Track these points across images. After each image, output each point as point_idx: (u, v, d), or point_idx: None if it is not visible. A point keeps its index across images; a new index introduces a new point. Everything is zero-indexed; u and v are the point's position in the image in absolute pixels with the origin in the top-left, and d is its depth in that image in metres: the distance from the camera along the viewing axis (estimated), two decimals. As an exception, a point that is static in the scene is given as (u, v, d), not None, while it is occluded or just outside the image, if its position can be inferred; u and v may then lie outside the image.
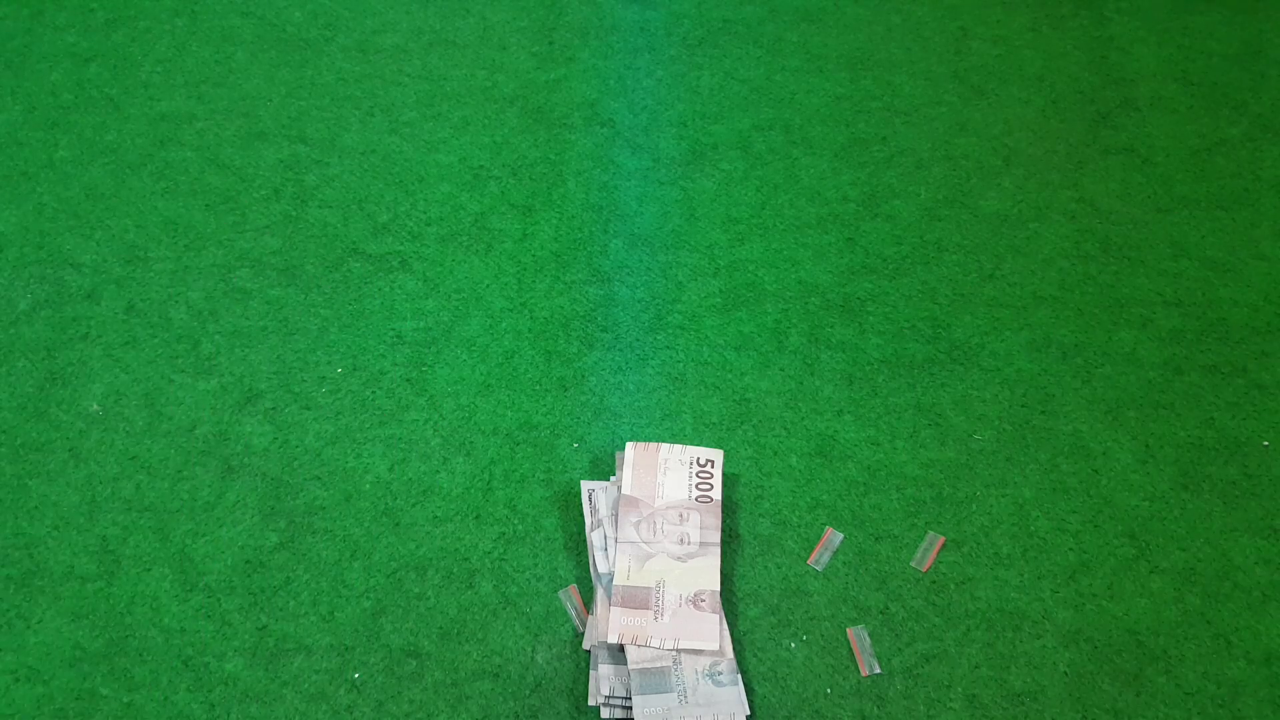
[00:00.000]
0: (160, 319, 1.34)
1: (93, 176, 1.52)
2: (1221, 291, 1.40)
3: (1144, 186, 1.54)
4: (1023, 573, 1.13)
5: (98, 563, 1.12)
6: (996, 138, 1.61)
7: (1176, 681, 1.05)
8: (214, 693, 1.03)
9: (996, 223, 1.49)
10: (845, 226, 1.48)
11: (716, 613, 1.06)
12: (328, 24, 1.76)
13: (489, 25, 1.76)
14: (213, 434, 1.23)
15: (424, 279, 1.40)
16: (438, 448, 1.22)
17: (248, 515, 1.16)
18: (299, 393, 1.27)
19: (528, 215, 1.48)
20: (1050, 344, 1.34)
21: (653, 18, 1.79)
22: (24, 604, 1.09)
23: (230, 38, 1.72)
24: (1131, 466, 1.22)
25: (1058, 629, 1.08)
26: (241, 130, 1.58)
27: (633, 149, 1.58)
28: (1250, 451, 1.23)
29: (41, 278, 1.39)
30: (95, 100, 1.62)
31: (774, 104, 1.65)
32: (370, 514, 1.16)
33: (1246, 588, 1.12)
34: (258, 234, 1.45)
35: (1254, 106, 1.65)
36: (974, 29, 1.77)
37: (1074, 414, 1.27)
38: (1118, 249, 1.46)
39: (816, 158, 1.58)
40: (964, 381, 1.30)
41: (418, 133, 1.59)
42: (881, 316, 1.37)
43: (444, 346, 1.32)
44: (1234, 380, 1.30)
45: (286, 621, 1.08)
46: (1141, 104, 1.65)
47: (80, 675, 1.04)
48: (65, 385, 1.27)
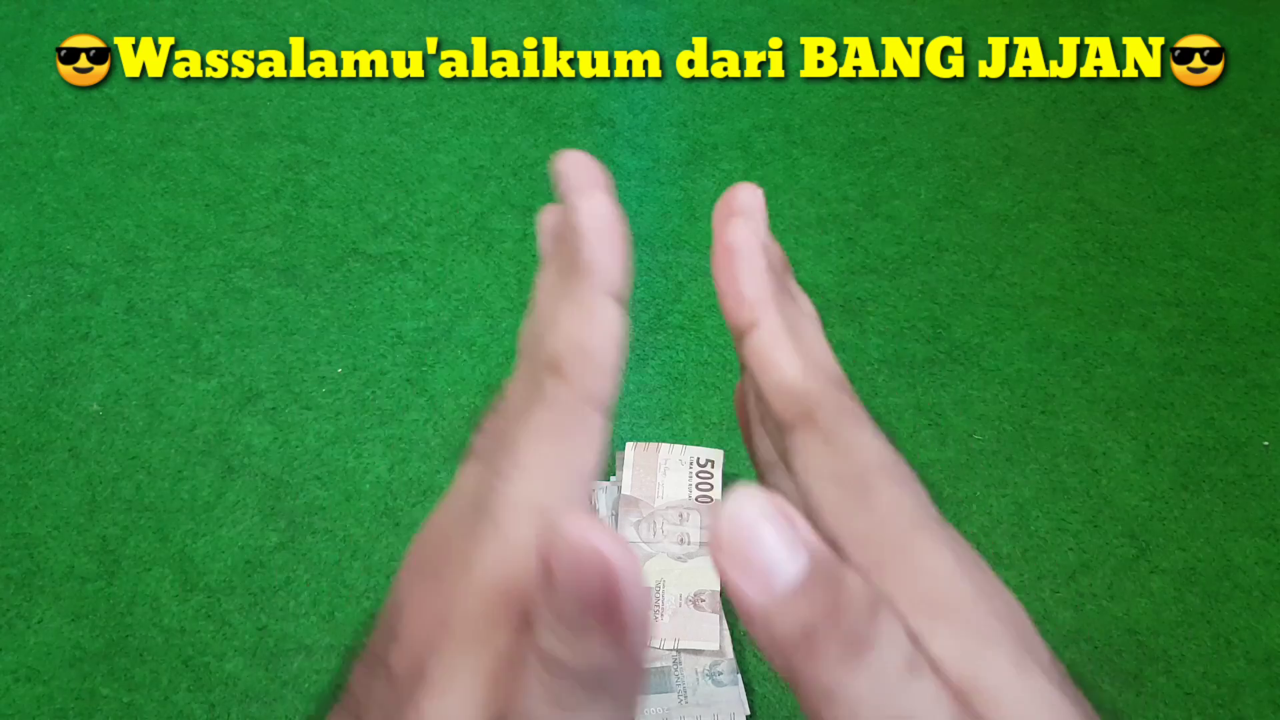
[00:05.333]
0: (160, 319, 1.34)
1: (93, 176, 1.52)
2: (1222, 291, 1.40)
3: (1144, 186, 1.54)
4: (1023, 573, 1.13)
5: (98, 563, 1.12)
6: (996, 138, 1.61)
7: (1177, 681, 1.05)
8: (214, 693, 1.03)
9: (996, 223, 1.49)
10: (845, 226, 1.48)
11: (717, 612, 1.06)
12: (328, 23, 1.76)
13: (489, 25, 1.76)
14: (213, 434, 1.23)
15: (424, 279, 1.40)
16: (438, 448, 1.22)
17: (248, 515, 1.16)
18: (299, 393, 1.27)
19: (528, 215, 1.48)
20: (1050, 344, 1.34)
21: (653, 18, 1.79)
22: (24, 604, 1.09)
23: (230, 38, 1.72)
24: (1131, 466, 1.22)
25: (1058, 629, 1.08)
26: (241, 130, 1.58)
27: (633, 149, 1.58)
28: (1250, 451, 1.23)
29: (41, 278, 1.39)
30: (95, 100, 1.62)
31: (774, 104, 1.65)
32: (370, 514, 1.16)
33: (1247, 588, 1.12)
34: (258, 234, 1.45)
35: (1254, 107, 1.65)
36: (974, 29, 1.77)
37: (1074, 414, 1.27)
38: (1118, 249, 1.46)
39: (816, 158, 1.58)
40: (964, 381, 1.30)
41: (418, 132, 1.59)
42: (881, 316, 1.37)
43: (444, 346, 1.32)
44: (1234, 380, 1.30)
45: (287, 621, 1.08)
46: (1141, 104, 1.65)
47: (80, 675, 1.04)
48: (65, 385, 1.27)
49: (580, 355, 0.19)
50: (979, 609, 0.17)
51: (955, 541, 0.18)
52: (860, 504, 0.18)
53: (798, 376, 0.19)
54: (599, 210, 0.20)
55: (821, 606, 0.15)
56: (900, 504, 0.18)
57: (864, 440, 0.19)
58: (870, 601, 0.15)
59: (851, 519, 0.18)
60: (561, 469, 0.18)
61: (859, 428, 0.19)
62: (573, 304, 0.19)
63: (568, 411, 0.18)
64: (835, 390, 0.20)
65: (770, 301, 0.20)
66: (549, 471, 0.18)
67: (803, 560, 0.15)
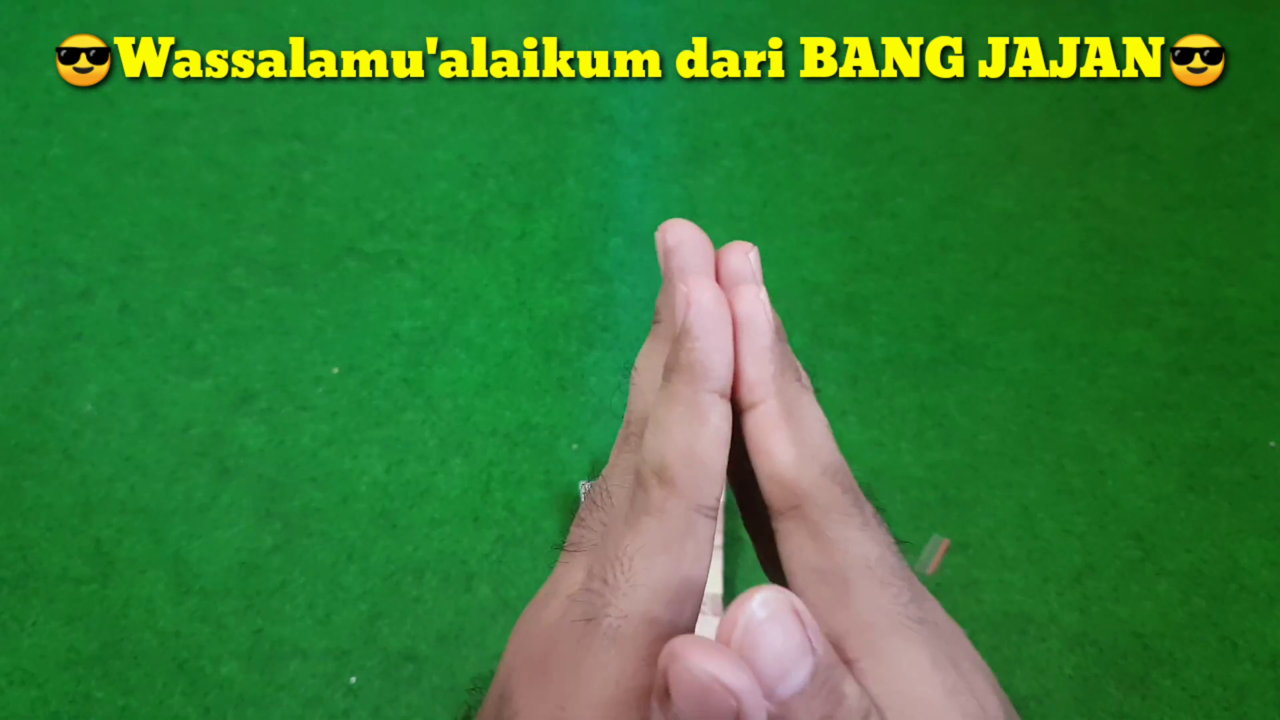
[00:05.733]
0: (154, 318, 1.33)
1: (87, 175, 1.50)
2: (1228, 291, 1.39)
3: (1150, 185, 1.52)
4: (1028, 575, 1.11)
5: (92, 565, 1.11)
6: (1001, 135, 1.59)
7: (1182, 685, 1.04)
8: (209, 696, 1.02)
9: (1001, 221, 1.47)
10: (849, 224, 1.47)
11: (717, 615, 1.05)
12: (324, 19, 1.74)
13: (487, 21, 1.74)
14: (207, 435, 1.21)
15: (421, 278, 1.39)
16: (435, 449, 1.21)
17: (243, 517, 1.15)
18: (294, 393, 1.26)
19: (527, 213, 1.47)
20: (1056, 344, 1.33)
21: (653, 13, 1.78)
22: (18, 607, 1.08)
23: (227, 34, 1.71)
24: (1137, 468, 1.20)
25: (1063, 632, 1.07)
26: (236, 127, 1.57)
27: (633, 146, 1.56)
28: (1257, 452, 1.22)
29: (35, 277, 1.37)
30: (89, 97, 1.61)
31: (776, 100, 1.63)
32: (367, 516, 1.15)
33: (1253, 590, 1.10)
34: (253, 232, 1.43)
35: (1259, 104, 1.63)
36: (977, 25, 1.76)
37: (1080, 415, 1.25)
38: (1123, 248, 1.44)
39: (820, 155, 1.56)
40: (969, 382, 1.29)
41: (415, 129, 1.58)
42: (885, 316, 1.36)
43: (441, 346, 1.31)
44: (1240, 380, 1.29)
45: (282, 625, 1.06)
46: (1147, 101, 1.64)
47: (74, 678, 1.03)
48: (59, 385, 1.26)
49: (691, 464, 0.19)
50: (947, 709, 0.18)
51: (931, 640, 0.19)
52: (840, 601, 0.19)
53: (789, 466, 0.20)
54: (711, 309, 0.20)
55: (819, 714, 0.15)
56: (878, 604, 0.19)
57: (850, 536, 0.19)
58: (863, 712, 0.16)
59: (831, 615, 0.19)
60: (674, 582, 0.18)
61: (845, 524, 0.19)
62: (681, 406, 0.19)
63: (678, 521, 0.19)
64: (827, 483, 0.20)
65: (771, 383, 0.20)
66: (662, 585, 0.18)
67: (808, 667, 0.15)
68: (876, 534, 0.19)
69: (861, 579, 0.19)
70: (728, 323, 0.20)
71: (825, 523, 0.19)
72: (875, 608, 0.19)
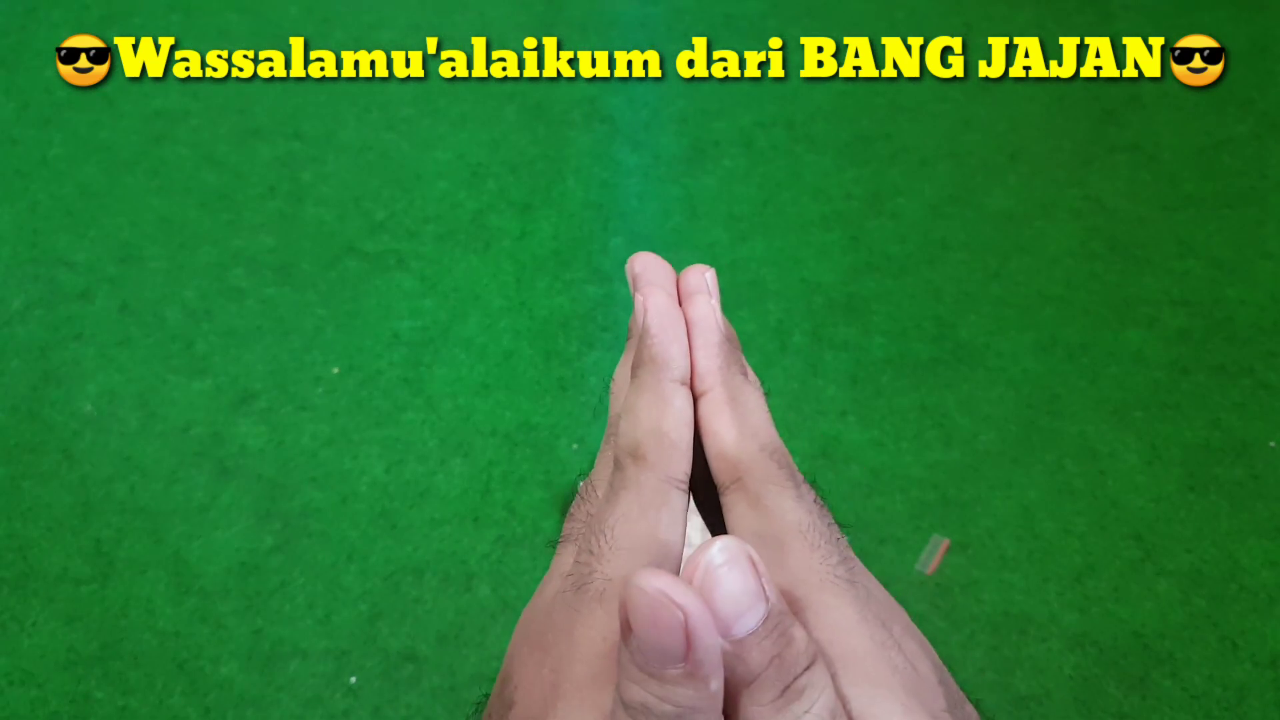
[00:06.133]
0: (154, 318, 1.33)
1: (86, 174, 1.50)
2: (1229, 291, 1.39)
3: (1151, 184, 1.52)
4: (1028, 575, 1.11)
5: (92, 565, 1.11)
6: (1002, 134, 1.59)
7: (1182, 685, 1.04)
8: (209, 696, 1.02)
9: (1002, 221, 1.47)
10: (849, 224, 1.47)
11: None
12: (324, 18, 1.74)
13: (487, 21, 1.74)
14: (207, 435, 1.21)
15: (421, 278, 1.38)
16: (435, 449, 1.21)
17: (242, 517, 1.14)
18: (294, 393, 1.26)
19: (526, 213, 1.47)
20: (1056, 344, 1.33)
21: (653, 13, 1.78)
22: (18, 607, 1.08)
23: (226, 34, 1.70)
24: (1138, 468, 1.20)
25: (1063, 632, 1.07)
26: (236, 127, 1.57)
27: (633, 145, 1.56)
28: (1257, 452, 1.22)
29: (35, 277, 1.37)
30: (89, 97, 1.60)
31: (776, 100, 1.63)
32: (367, 516, 1.15)
33: (1253, 590, 1.10)
34: (253, 232, 1.43)
35: (1260, 104, 1.63)
36: (977, 24, 1.76)
37: (1080, 415, 1.25)
38: (1124, 247, 1.44)
39: (820, 155, 1.56)
40: (969, 382, 1.29)
41: (415, 129, 1.57)
42: (885, 316, 1.36)
43: (441, 346, 1.31)
44: (1241, 380, 1.29)
45: (282, 625, 1.06)
46: (1147, 101, 1.64)
47: (74, 679, 1.03)
48: (58, 386, 1.26)
49: (659, 440, 0.21)
50: (874, 659, 0.19)
51: (859, 599, 0.20)
52: (776, 561, 0.21)
53: (732, 444, 0.22)
54: (665, 309, 0.23)
55: (770, 654, 0.17)
56: (809, 564, 0.21)
57: (785, 505, 0.22)
58: (810, 655, 0.17)
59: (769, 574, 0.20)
60: (653, 546, 0.20)
61: (781, 494, 0.22)
62: (648, 394, 0.22)
63: (652, 492, 0.21)
64: (765, 459, 0.22)
65: (719, 373, 0.23)
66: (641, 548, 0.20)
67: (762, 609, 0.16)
68: (810, 505, 0.22)
69: (795, 542, 0.21)
70: (681, 322, 0.23)
71: (763, 492, 0.22)
72: (806, 567, 0.20)
